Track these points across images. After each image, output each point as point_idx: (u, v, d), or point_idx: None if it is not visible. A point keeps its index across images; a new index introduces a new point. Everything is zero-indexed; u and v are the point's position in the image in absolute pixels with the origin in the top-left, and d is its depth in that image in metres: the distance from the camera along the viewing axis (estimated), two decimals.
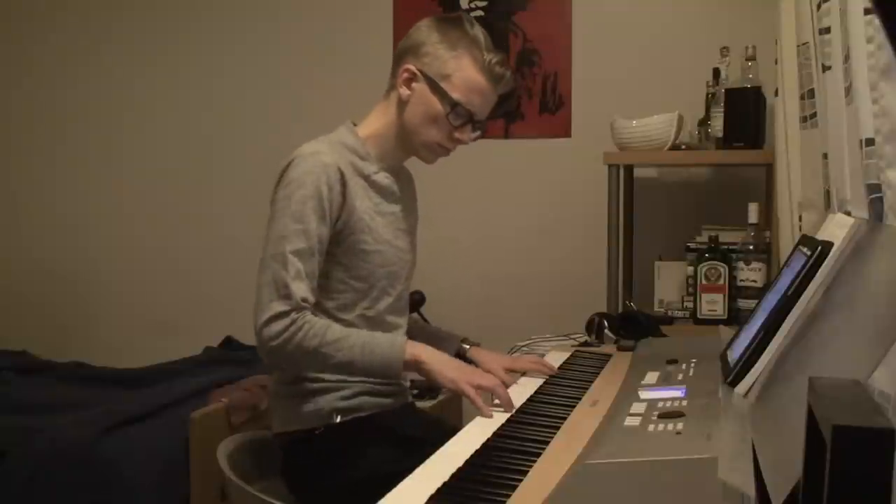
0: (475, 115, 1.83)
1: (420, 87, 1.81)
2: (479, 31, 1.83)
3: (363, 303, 1.81)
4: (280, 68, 3.41)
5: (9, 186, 3.74)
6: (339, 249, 1.77)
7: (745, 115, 2.57)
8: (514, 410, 1.58)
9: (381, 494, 1.17)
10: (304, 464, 1.77)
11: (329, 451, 1.75)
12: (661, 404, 1.27)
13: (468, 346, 1.97)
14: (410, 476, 1.24)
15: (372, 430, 1.78)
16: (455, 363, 1.77)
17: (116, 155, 3.61)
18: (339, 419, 1.76)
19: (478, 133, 1.88)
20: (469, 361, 1.92)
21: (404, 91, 1.82)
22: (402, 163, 1.94)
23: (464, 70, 1.79)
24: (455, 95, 1.79)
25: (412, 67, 1.81)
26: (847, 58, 1.33)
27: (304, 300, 1.69)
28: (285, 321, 1.66)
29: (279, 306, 1.67)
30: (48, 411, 2.69)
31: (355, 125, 1.89)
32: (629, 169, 2.89)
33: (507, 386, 1.70)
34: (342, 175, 1.75)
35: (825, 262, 1.30)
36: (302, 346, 1.67)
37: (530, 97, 3.17)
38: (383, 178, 1.86)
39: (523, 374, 1.87)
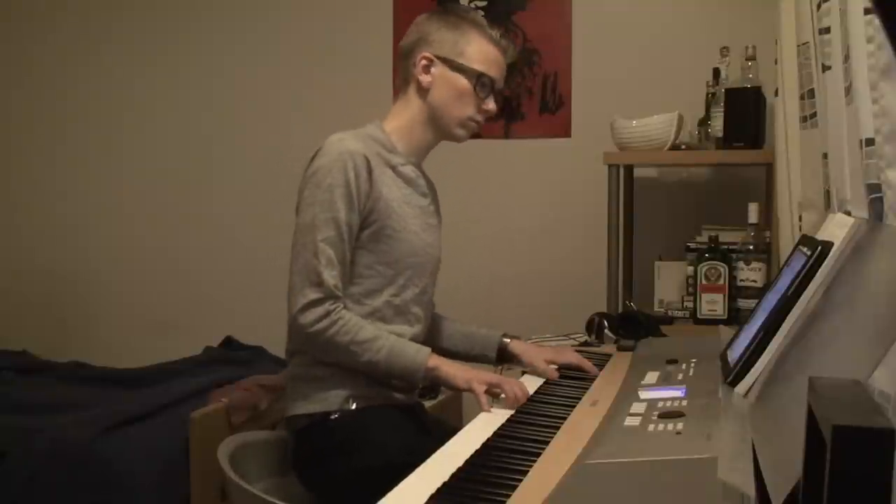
0: (496, 83, 1.90)
1: (439, 69, 1.87)
2: (475, 13, 1.94)
3: (389, 289, 1.84)
4: (280, 68, 3.41)
5: (9, 186, 3.74)
6: (365, 235, 1.81)
7: (745, 115, 2.57)
8: (515, 409, 1.61)
9: (392, 483, 1.18)
10: (317, 447, 1.79)
11: (344, 435, 1.77)
12: (661, 404, 1.28)
13: (509, 340, 2.00)
14: (411, 475, 1.25)
15: (388, 419, 1.80)
16: (466, 368, 1.83)
17: (116, 155, 3.61)
18: (354, 405, 1.78)
19: (500, 103, 1.95)
20: (511, 354, 1.98)
21: (425, 77, 1.87)
22: (427, 154, 1.98)
23: (475, 43, 1.88)
24: (475, 66, 1.86)
25: (427, 54, 1.87)
26: (847, 58, 1.33)
27: (336, 287, 1.76)
28: (319, 311, 1.74)
29: (312, 294, 1.74)
30: (48, 411, 2.68)
31: (381, 122, 1.94)
32: (629, 169, 2.89)
33: (549, 377, 1.83)
34: (368, 162, 1.79)
35: (825, 262, 1.30)
36: (333, 341, 1.74)
37: (530, 97, 3.17)
38: (410, 170, 1.91)
39: (522, 374, 1.88)
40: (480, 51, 1.87)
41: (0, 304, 3.68)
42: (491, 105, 1.90)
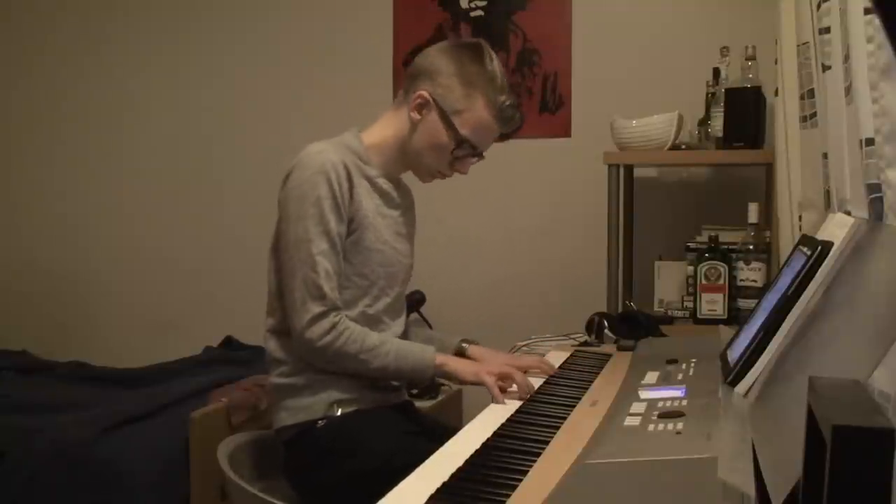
0: (478, 150, 1.88)
1: (430, 115, 1.84)
2: (497, 68, 1.85)
3: (364, 300, 1.84)
4: (280, 68, 3.41)
5: (9, 186, 3.74)
6: (343, 244, 1.80)
7: (745, 115, 2.57)
8: (528, 396, 1.65)
9: (384, 488, 1.17)
10: (306, 457, 1.78)
11: (331, 443, 1.77)
12: (661, 404, 1.27)
13: (467, 346, 1.99)
14: (410, 475, 1.24)
15: (374, 422, 1.80)
16: (469, 361, 1.86)
17: (116, 155, 3.61)
18: (339, 412, 1.78)
19: (476, 161, 1.92)
20: (470, 359, 1.95)
21: (415, 115, 1.85)
22: (400, 174, 1.98)
23: (475, 110, 1.83)
24: (463, 132, 1.83)
25: (426, 94, 1.84)
26: (847, 58, 1.33)
27: (337, 298, 1.77)
28: (325, 324, 1.74)
29: (316, 307, 1.74)
30: (48, 411, 2.68)
31: (360, 132, 1.92)
32: (629, 169, 2.89)
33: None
34: (348, 171, 1.79)
35: (825, 262, 1.30)
36: (342, 352, 1.75)
37: (530, 97, 3.17)
38: (383, 183, 1.91)
39: (524, 372, 1.87)
40: (478, 118, 1.83)
41: (0, 303, 3.68)
42: (464, 168, 1.90)
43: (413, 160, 1.90)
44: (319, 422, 1.78)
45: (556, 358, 1.99)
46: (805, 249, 1.39)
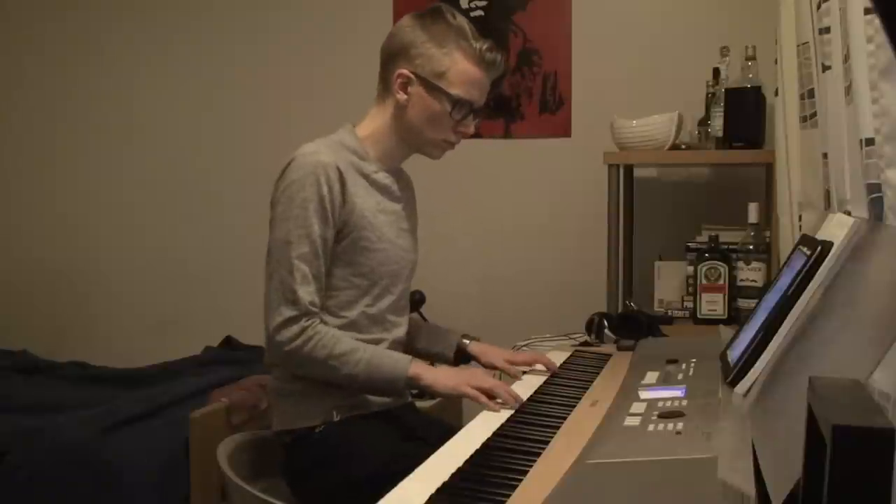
0: (475, 105, 1.84)
1: (417, 89, 1.82)
2: (462, 21, 1.84)
3: (364, 300, 1.82)
4: (280, 68, 3.41)
5: (9, 186, 3.74)
6: (340, 247, 1.79)
7: (745, 115, 2.57)
8: (518, 405, 1.61)
9: (382, 493, 1.17)
10: (305, 462, 1.78)
11: (330, 448, 1.76)
12: (661, 404, 1.27)
13: (468, 342, 1.98)
14: (410, 476, 1.24)
15: (373, 428, 1.79)
16: (451, 372, 1.81)
17: (116, 154, 3.61)
18: (338, 417, 1.77)
19: (478, 121, 1.89)
20: (470, 356, 1.96)
21: (401, 96, 1.83)
22: (401, 163, 1.96)
23: (457, 64, 1.80)
24: (453, 91, 1.80)
25: (405, 72, 1.81)
26: (847, 58, 1.34)
27: (312, 304, 1.73)
28: (295, 328, 1.71)
29: (287, 312, 1.71)
30: (48, 411, 2.68)
31: (354, 127, 1.91)
32: (629, 169, 2.89)
33: (512, 376, 1.80)
34: (341, 174, 1.76)
35: (825, 262, 1.30)
36: (311, 357, 1.72)
37: (530, 97, 3.17)
38: (383, 177, 1.88)
39: (523, 373, 1.88)
40: (462, 72, 1.80)
41: (0, 303, 3.68)
42: (469, 129, 1.86)
43: (416, 140, 1.87)
44: (318, 427, 1.77)
45: (556, 358, 1.99)
46: (805, 249, 1.39)
